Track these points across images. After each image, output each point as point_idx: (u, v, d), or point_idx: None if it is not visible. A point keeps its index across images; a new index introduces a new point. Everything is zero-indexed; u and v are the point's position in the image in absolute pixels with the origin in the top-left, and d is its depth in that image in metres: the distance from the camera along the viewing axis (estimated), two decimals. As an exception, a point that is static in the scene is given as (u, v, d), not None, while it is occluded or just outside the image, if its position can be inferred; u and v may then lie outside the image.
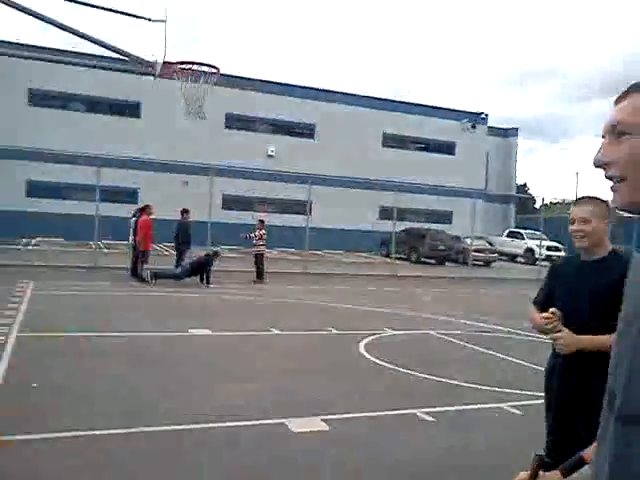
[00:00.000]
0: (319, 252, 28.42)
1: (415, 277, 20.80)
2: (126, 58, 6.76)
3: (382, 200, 28.39)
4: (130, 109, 28.39)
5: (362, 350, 8.47)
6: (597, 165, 1.11)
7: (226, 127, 30.48)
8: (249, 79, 31.06)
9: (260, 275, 15.91)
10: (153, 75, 6.77)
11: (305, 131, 32.25)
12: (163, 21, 6.40)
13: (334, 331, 9.81)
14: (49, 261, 17.06)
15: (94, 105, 28.26)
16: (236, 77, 30.81)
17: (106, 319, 9.62)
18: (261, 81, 31.07)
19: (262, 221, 16.28)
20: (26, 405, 5.46)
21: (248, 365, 7.43)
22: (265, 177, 27.70)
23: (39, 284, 12.89)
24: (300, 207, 22.02)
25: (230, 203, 29.25)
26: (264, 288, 15.02)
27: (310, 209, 21.15)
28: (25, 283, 12.83)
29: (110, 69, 7.29)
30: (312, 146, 31.54)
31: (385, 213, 28.21)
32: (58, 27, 6.27)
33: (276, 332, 9.47)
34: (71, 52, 21.17)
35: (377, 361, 7.86)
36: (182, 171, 25.65)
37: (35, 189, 26.42)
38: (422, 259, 26.43)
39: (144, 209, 14.89)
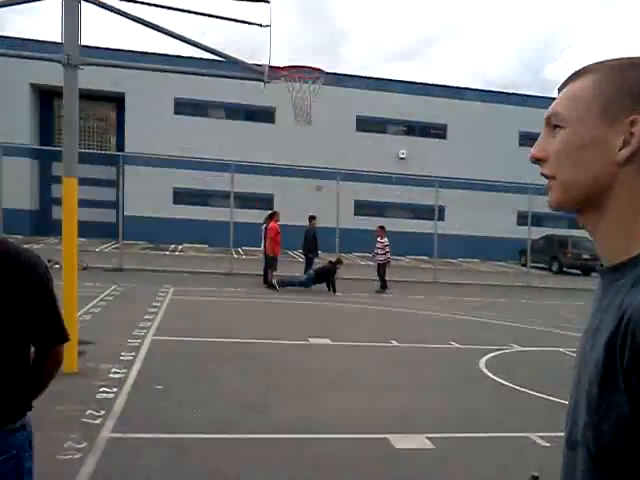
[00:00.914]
0: (453, 260, 27.83)
1: (554, 289, 19.69)
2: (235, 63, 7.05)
3: (520, 205, 27.20)
4: (265, 115, 29.29)
5: (483, 366, 8.20)
6: (532, 160, 1.02)
7: (358, 130, 30.66)
8: (379, 79, 31.08)
9: (383, 285, 15.82)
10: (262, 81, 7.01)
11: (436, 131, 31.62)
12: (268, 26, 6.64)
13: (456, 345, 9.58)
14: (190, 267, 18.26)
15: (231, 112, 29.62)
16: (366, 78, 31.02)
17: (234, 325, 10.13)
18: (391, 80, 30.94)
19: (382, 227, 16.04)
20: (149, 405, 5.92)
21: (363, 377, 7.48)
22: (396, 181, 27.58)
23: (179, 289, 13.85)
24: (431, 213, 21.68)
25: (362, 208, 29.51)
26: (389, 298, 14.98)
27: (440, 214, 20.74)
28: (167, 288, 13.84)
29: (222, 76, 7.64)
30: (443, 147, 30.88)
31: (524, 219, 26.99)
32: (171, 36, 6.69)
33: (395, 344, 9.43)
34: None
35: (497, 379, 7.58)
36: (315, 176, 26.18)
37: (180, 196, 28.31)
38: (564, 269, 24.93)
39: (272, 216, 15.41)
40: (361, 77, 31.04)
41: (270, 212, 16.07)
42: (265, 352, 8.41)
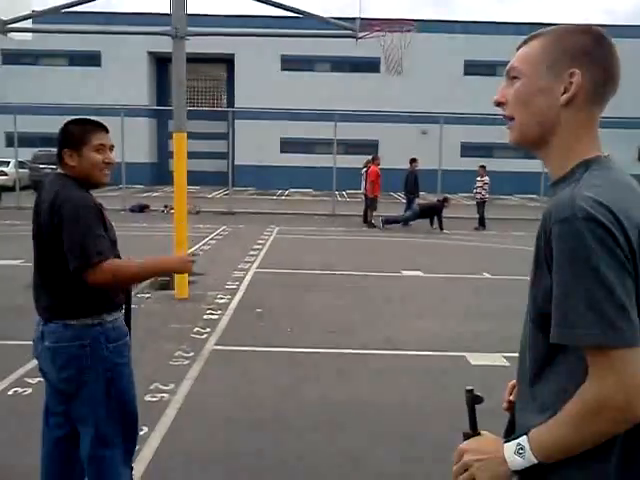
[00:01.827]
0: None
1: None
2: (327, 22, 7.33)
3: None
4: (369, 65, 29.32)
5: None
6: (495, 104, 1.31)
7: (465, 74, 29.93)
8: (487, 22, 29.92)
9: (481, 222, 15.77)
10: (354, 37, 7.26)
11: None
12: None
13: (550, 277, 9.55)
14: (294, 209, 19.03)
15: (336, 65, 29.89)
16: (474, 22, 29.96)
17: (331, 259, 10.67)
18: (501, 23, 29.68)
19: (483, 167, 15.92)
20: (248, 324, 6.61)
21: (449, 304, 7.78)
22: (501, 122, 26.67)
23: (283, 229, 14.63)
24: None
25: (468, 150, 28.93)
26: (489, 235, 14.91)
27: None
28: (272, 228, 14.65)
29: (318, 36, 7.97)
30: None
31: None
32: (264, 2, 7.09)
33: (487, 276, 9.58)
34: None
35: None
36: (419, 121, 26.02)
37: (286, 145, 29.18)
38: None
39: (373, 159, 15.80)
40: (468, 22, 30.01)
41: (371, 156, 16.39)
42: (358, 283, 8.89)
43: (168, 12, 7.55)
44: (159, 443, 3.84)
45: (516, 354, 4.83)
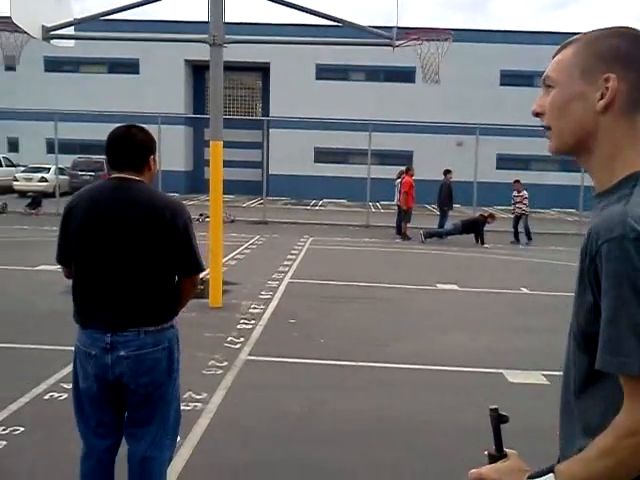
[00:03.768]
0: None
1: None
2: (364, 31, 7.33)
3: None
4: (404, 75, 29.23)
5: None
6: (533, 115, 1.27)
7: (501, 84, 29.63)
8: (524, 32, 29.60)
9: (516, 236, 15.44)
10: (391, 45, 7.24)
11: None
12: None
13: (590, 294, 9.30)
14: (328, 219, 19.02)
15: (371, 74, 29.89)
16: (511, 32, 29.66)
17: (365, 271, 10.60)
18: (538, 32, 29.32)
19: (518, 181, 15.67)
20: (281, 335, 6.58)
21: (486, 319, 7.63)
22: (540, 134, 26.28)
23: (317, 239, 14.60)
24: (577, 164, 20.47)
25: (504, 162, 28.59)
26: (528, 249, 14.64)
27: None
28: (305, 238, 14.64)
29: (354, 44, 8.01)
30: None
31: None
32: (301, 10, 7.13)
33: (525, 291, 9.38)
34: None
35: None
36: (455, 132, 25.81)
37: (320, 155, 29.24)
38: None
39: (407, 170, 15.70)
40: (505, 31, 29.78)
41: (404, 167, 16.29)
42: (393, 295, 8.79)
43: (205, 20, 7.62)
44: (191, 453, 3.82)
45: (557, 372, 4.68)
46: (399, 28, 7.22)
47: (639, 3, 79.87)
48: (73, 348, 2.69)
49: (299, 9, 7.24)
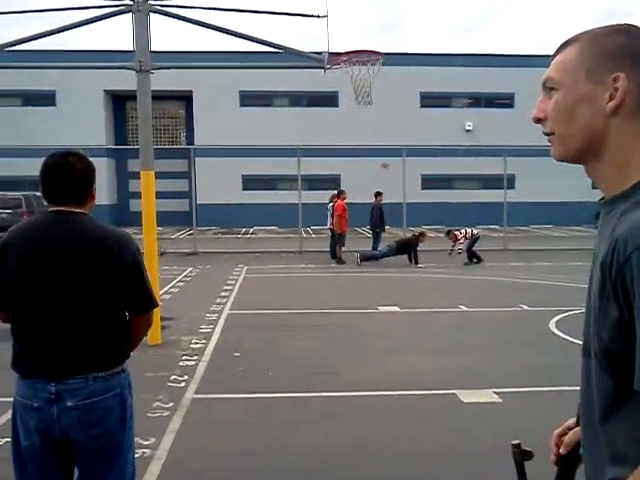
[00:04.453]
0: (525, 228, 27.27)
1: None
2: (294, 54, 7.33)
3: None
4: (328, 99, 29.56)
5: (552, 327, 8.18)
6: (534, 121, 1.19)
7: (421, 106, 30.54)
8: (441, 54, 30.74)
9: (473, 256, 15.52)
10: (322, 68, 7.26)
11: (503, 101, 30.88)
12: (326, 16, 6.87)
13: (525, 307, 9.56)
14: (261, 247, 18.82)
15: (294, 99, 30.15)
16: (428, 54, 30.73)
17: (304, 297, 10.49)
18: (454, 55, 30.51)
19: (450, 231, 15.99)
20: (227, 370, 6.34)
21: (430, 339, 7.65)
22: (463, 153, 27.19)
23: (252, 268, 14.38)
24: (501, 182, 21.27)
25: (429, 182, 29.34)
26: (457, 267, 14.94)
27: (510, 182, 20.40)
28: (240, 267, 14.38)
29: (284, 67, 8.02)
30: (511, 116, 30.16)
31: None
32: (230, 34, 7.05)
33: (464, 309, 9.51)
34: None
35: (566, 337, 7.55)
36: (380, 154, 26.27)
37: (249, 182, 29.10)
38: None
39: (339, 194, 15.75)
40: (422, 54, 30.82)
41: (336, 191, 16.36)
42: (335, 321, 8.70)
43: (125, 49, 7.42)
44: (146, 508, 3.55)
45: (508, 389, 4.69)
46: (330, 54, 7.26)
47: (547, 24, 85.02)
48: (11, 399, 2.41)
49: (226, 32, 7.14)
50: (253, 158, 26.89)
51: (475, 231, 15.61)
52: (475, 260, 15.21)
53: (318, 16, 6.88)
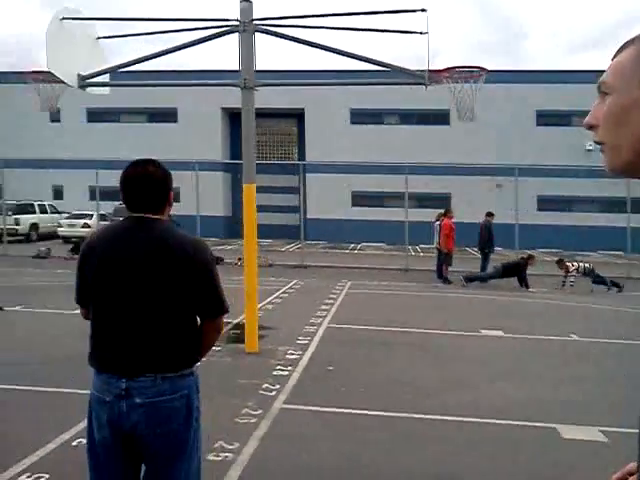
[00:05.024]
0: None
1: None
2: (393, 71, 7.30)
3: None
4: (438, 117, 29.14)
5: (675, 363, 7.46)
6: (586, 127, 1.06)
7: (537, 124, 29.37)
8: (558, 71, 29.43)
9: (604, 282, 14.62)
10: (424, 84, 7.16)
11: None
12: (426, 33, 6.78)
13: (644, 341, 8.80)
14: (366, 263, 18.77)
15: (404, 117, 30.04)
16: (545, 71, 29.54)
17: (406, 316, 10.28)
18: (572, 71, 29.07)
19: (561, 260, 15.00)
20: (319, 383, 6.32)
21: (532, 368, 7.22)
22: (584, 174, 25.70)
23: (355, 283, 14.35)
24: (624, 205, 19.85)
25: (546, 204, 28.08)
26: (573, 293, 14.07)
27: (635, 206, 19.00)
28: (344, 282, 14.40)
29: (385, 84, 8.04)
30: None
31: None
32: (336, 53, 7.12)
33: (575, 338, 8.92)
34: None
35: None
36: (492, 173, 25.50)
37: (358, 199, 29.28)
38: None
39: (446, 213, 15.43)
40: (539, 71, 29.75)
41: (444, 209, 16.02)
42: (436, 342, 8.46)
43: (236, 68, 7.70)
44: (222, 512, 3.58)
45: (617, 429, 4.25)
46: (431, 71, 7.16)
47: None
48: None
49: (329, 50, 7.24)
50: (363, 175, 27.05)
51: (588, 265, 14.62)
52: (614, 287, 14.30)
53: (421, 33, 6.81)
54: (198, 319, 2.52)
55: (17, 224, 23.66)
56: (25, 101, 15.52)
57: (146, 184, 2.44)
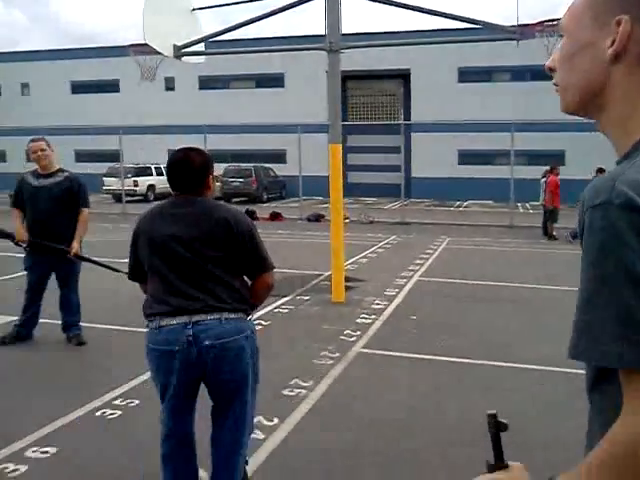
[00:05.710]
0: None
1: None
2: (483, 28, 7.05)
3: None
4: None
5: None
6: (547, 71, 1.07)
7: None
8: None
9: None
10: (515, 39, 6.91)
11: None
12: None
13: None
14: (469, 220, 18.38)
15: (517, 75, 28.60)
16: None
17: (502, 271, 10.06)
18: None
19: None
20: (399, 330, 6.43)
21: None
22: None
23: (454, 239, 14.15)
24: None
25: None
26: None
27: None
28: (443, 238, 14.24)
29: (476, 41, 7.81)
30: None
31: None
32: (424, 12, 7.03)
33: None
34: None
35: None
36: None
37: (464, 157, 28.53)
38: None
39: (552, 169, 14.86)
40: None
41: (550, 166, 15.34)
42: (528, 296, 8.25)
43: (344, 32, 7.70)
44: (284, 436, 3.82)
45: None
46: (521, 25, 6.86)
47: None
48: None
49: (418, 10, 7.12)
50: (470, 133, 26.23)
51: None
52: None
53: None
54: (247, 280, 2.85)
55: (136, 185, 25.31)
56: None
57: (187, 168, 2.74)
